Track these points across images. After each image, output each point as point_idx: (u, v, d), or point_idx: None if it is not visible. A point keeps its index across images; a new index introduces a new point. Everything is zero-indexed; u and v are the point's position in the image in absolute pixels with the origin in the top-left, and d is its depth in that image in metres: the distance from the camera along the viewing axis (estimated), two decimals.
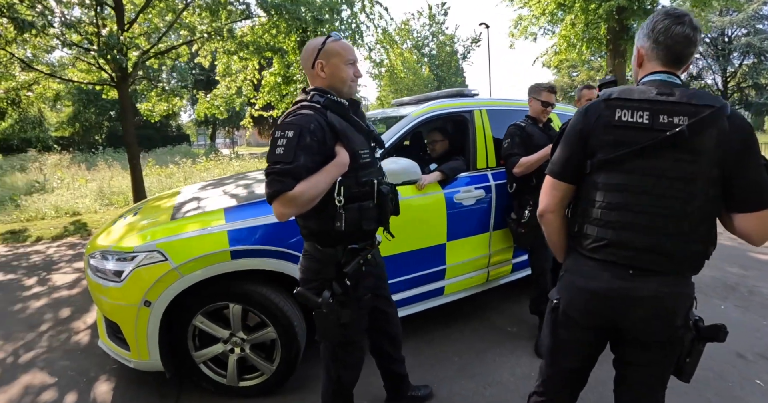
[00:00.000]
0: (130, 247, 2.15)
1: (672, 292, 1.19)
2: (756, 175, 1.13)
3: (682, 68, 1.26)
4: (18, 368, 2.73)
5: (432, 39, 27.07)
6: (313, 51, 1.54)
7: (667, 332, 1.22)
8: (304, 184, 1.34)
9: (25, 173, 13.75)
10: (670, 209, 1.16)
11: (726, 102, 1.15)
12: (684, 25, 1.20)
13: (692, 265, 1.20)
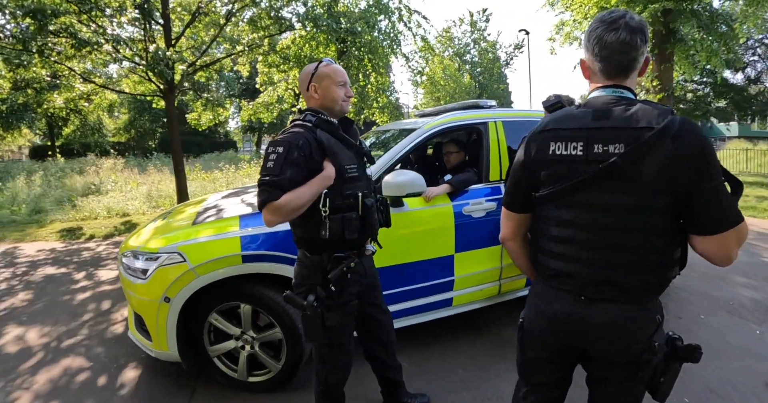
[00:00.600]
0: (155, 248, 2.40)
1: (628, 317, 1.15)
2: (711, 197, 1.04)
3: (630, 77, 1.18)
4: (60, 352, 3.07)
5: (473, 46, 26.99)
6: (307, 75, 1.72)
7: (627, 354, 1.18)
8: (289, 195, 1.50)
9: (83, 176, 14.95)
10: (614, 242, 1.12)
11: (673, 117, 1.05)
12: (618, 30, 1.10)
13: (647, 293, 1.16)
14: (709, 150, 1.04)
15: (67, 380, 2.69)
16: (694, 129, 1.04)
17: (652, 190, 1.06)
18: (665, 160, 1.03)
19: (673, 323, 3.22)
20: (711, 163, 1.04)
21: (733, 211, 1.07)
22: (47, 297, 4.33)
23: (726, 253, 1.10)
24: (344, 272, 1.66)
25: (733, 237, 1.08)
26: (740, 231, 1.08)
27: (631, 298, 1.15)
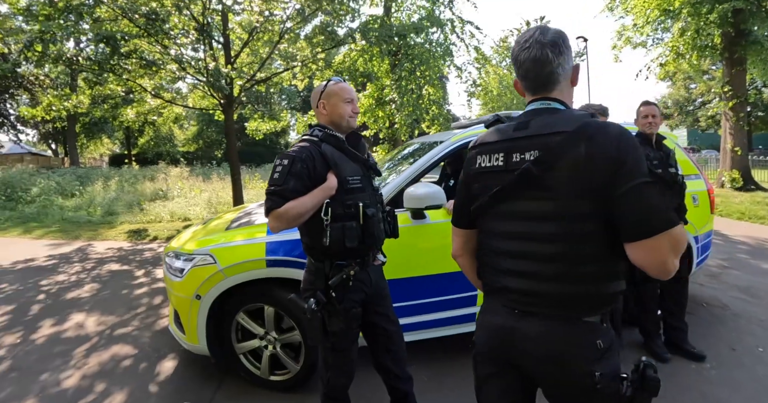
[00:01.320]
0: (191, 250, 2.68)
1: (559, 335, 1.10)
2: (634, 200, 0.99)
3: (555, 89, 1.18)
4: (112, 339, 3.47)
5: None
6: (317, 93, 1.89)
7: (567, 378, 1.11)
8: (291, 203, 1.67)
9: (152, 182, 16.34)
10: (539, 252, 1.10)
11: (587, 121, 1.05)
12: (529, 48, 1.14)
13: (581, 308, 1.10)
14: (628, 150, 1.01)
15: (113, 364, 3.04)
16: (609, 130, 1.03)
17: (568, 195, 1.04)
18: (578, 163, 1.02)
19: (725, 355, 3.00)
20: (629, 163, 1.00)
21: (660, 214, 0.99)
22: (109, 290, 4.84)
23: (658, 262, 1.00)
24: (344, 279, 1.79)
25: (664, 244, 0.98)
26: (673, 237, 0.99)
27: (563, 313, 1.10)
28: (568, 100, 1.19)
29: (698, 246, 3.57)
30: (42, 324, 3.85)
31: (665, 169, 2.92)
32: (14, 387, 2.77)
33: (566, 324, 1.10)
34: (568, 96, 1.20)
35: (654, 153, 2.97)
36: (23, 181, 14.20)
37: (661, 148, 3.03)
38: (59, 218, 10.76)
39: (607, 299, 1.10)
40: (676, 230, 0.99)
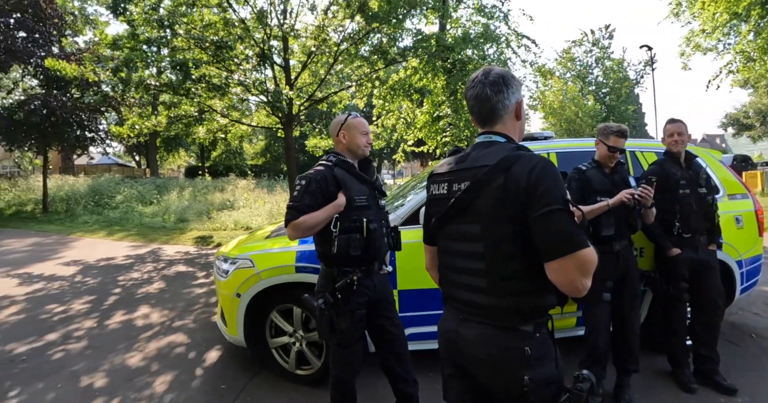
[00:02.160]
0: (235, 254, 3.13)
1: (492, 340, 1.24)
2: (544, 224, 1.11)
3: (498, 123, 1.33)
4: (170, 329, 4.02)
5: (597, 65, 25.29)
6: (338, 124, 2.24)
7: (500, 380, 1.25)
8: (305, 217, 2.02)
9: (222, 193, 17.75)
10: (471, 268, 1.27)
11: (508, 155, 1.19)
12: (474, 87, 1.31)
13: (511, 318, 1.22)
14: (539, 180, 1.13)
15: (168, 350, 3.55)
16: (525, 163, 1.17)
17: (492, 219, 1.20)
18: (498, 192, 1.17)
19: (764, 392, 2.82)
20: (539, 192, 1.12)
21: (567, 238, 1.10)
22: (174, 288, 5.51)
23: (567, 281, 1.12)
24: (348, 283, 2.10)
25: (570, 265, 1.10)
26: (579, 259, 1.09)
27: (496, 321, 1.24)
28: (512, 133, 1.35)
29: (742, 271, 3.38)
30: (115, 313, 4.53)
31: (693, 189, 2.87)
32: (88, 362, 3.35)
33: (499, 331, 1.23)
34: (512, 129, 1.35)
35: (681, 172, 2.90)
36: (110, 189, 16.06)
37: (691, 167, 2.94)
38: (138, 223, 12.10)
39: (537, 311, 1.23)
40: (582, 253, 1.10)
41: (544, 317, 1.26)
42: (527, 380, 1.19)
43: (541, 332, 1.25)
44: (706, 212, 2.88)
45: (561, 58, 25.01)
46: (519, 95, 1.34)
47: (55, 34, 13.24)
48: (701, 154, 3.54)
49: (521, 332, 1.22)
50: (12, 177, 18.54)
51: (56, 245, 9.29)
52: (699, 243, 2.89)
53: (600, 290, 2.67)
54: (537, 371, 1.21)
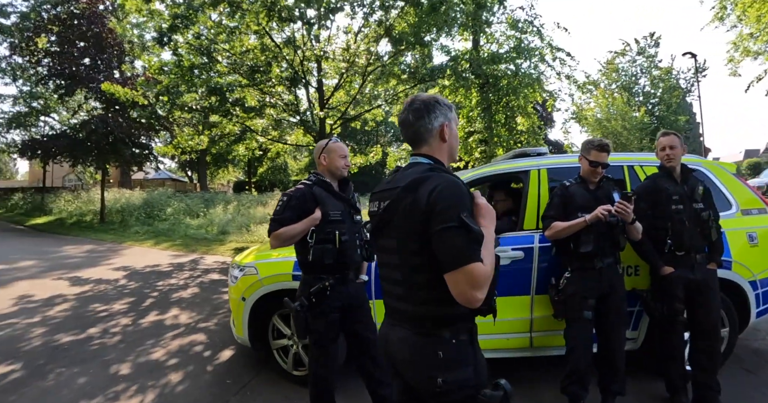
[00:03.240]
0: (243, 262, 3.55)
1: (411, 343, 1.37)
2: (440, 239, 1.24)
3: (424, 146, 1.46)
4: (193, 330, 4.51)
5: (643, 75, 24.26)
6: (320, 148, 2.60)
7: (418, 381, 1.38)
8: (285, 228, 2.38)
9: (263, 207, 18.66)
10: (391, 277, 1.44)
11: (416, 177, 1.34)
12: (403, 112, 1.46)
13: (425, 324, 1.35)
14: (437, 201, 1.26)
15: (188, 348, 4.02)
16: (427, 185, 1.30)
17: (404, 235, 1.35)
18: (406, 211, 1.32)
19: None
20: (437, 211, 1.25)
21: (459, 252, 1.21)
22: (205, 294, 6.06)
23: (459, 292, 1.22)
24: (321, 288, 2.42)
25: (460, 278, 1.21)
26: (468, 273, 1.20)
27: (413, 327, 1.38)
28: (438, 154, 1.46)
29: (758, 293, 3.16)
30: (149, 313, 5.09)
31: (687, 204, 2.77)
32: (118, 353, 3.87)
33: (416, 335, 1.37)
34: (438, 150, 1.46)
35: (674, 188, 2.81)
36: (161, 202, 17.35)
37: (687, 181, 2.83)
38: (183, 234, 13.05)
39: (451, 318, 1.34)
40: (470, 267, 1.20)
41: (460, 324, 1.36)
42: (440, 382, 1.30)
43: (458, 339, 1.35)
44: (702, 229, 2.77)
45: (605, 69, 24.32)
46: (444, 119, 1.45)
47: (115, 61, 14.86)
48: (710, 166, 3.44)
49: (437, 337, 1.34)
50: (75, 190, 20.51)
51: (108, 252, 10.28)
52: (695, 262, 2.78)
53: (581, 307, 2.69)
54: (450, 374, 1.31)
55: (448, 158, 1.49)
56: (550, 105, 11.72)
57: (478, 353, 1.42)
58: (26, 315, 5.06)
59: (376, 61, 8.64)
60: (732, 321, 3.13)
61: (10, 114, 18.53)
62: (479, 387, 1.33)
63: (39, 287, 6.42)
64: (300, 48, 8.26)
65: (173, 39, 7.45)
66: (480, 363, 1.40)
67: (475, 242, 1.24)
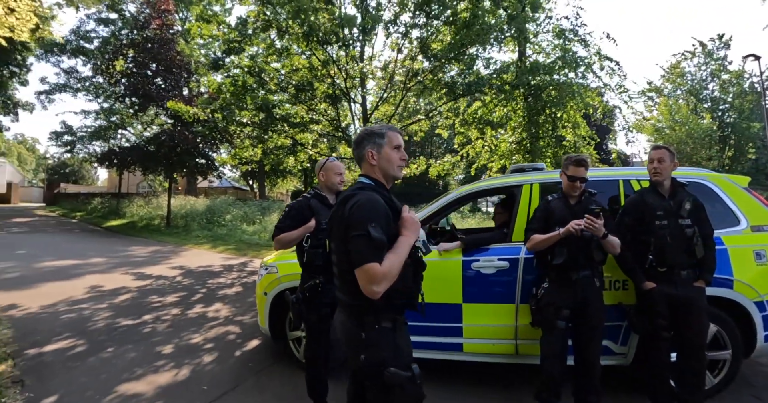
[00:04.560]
0: (268, 262, 4.12)
1: (346, 326, 1.78)
2: (351, 244, 1.65)
3: (363, 168, 1.90)
4: (230, 322, 5.17)
5: (712, 79, 22.56)
6: (320, 165, 3.08)
7: (351, 358, 1.77)
8: (284, 234, 2.89)
9: None
10: (335, 273, 1.86)
11: (346, 194, 1.78)
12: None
13: (354, 310, 1.76)
14: (353, 213, 1.68)
15: (223, 336, 4.66)
16: (350, 200, 1.74)
17: (337, 240, 1.78)
18: (337, 219, 1.76)
19: None
20: (350, 222, 1.67)
21: (361, 256, 1.61)
22: (246, 293, 6.76)
23: (362, 286, 1.61)
24: (313, 285, 2.85)
25: (361, 274, 1.61)
26: (366, 271, 1.59)
27: (348, 313, 1.80)
28: (372, 173, 1.88)
29: (765, 315, 3.05)
30: (195, 306, 5.85)
31: (673, 220, 2.80)
32: (164, 336, 4.58)
33: (349, 319, 1.79)
34: (371, 171, 1.88)
35: (660, 202, 2.85)
36: (222, 209, 18.77)
37: (675, 196, 2.86)
38: (238, 239, 14.14)
39: (374, 308, 1.71)
40: (366, 266, 1.59)
41: (384, 314, 1.74)
42: (362, 358, 1.70)
43: (380, 325, 1.73)
44: (686, 246, 2.78)
45: (669, 74, 23.06)
46: (372, 147, 1.85)
47: (183, 81, 16.59)
48: (717, 180, 3.39)
49: (362, 322, 1.74)
50: (146, 196, 22.70)
51: (169, 253, 11.47)
52: (679, 278, 2.81)
53: (555, 317, 2.80)
54: (371, 354, 1.69)
55: (383, 176, 1.88)
56: (601, 114, 11.48)
57: (400, 340, 1.77)
58: (95, 302, 6.00)
59: (414, 78, 9.11)
60: (735, 343, 3.07)
61: (92, 128, 21.08)
62: (396, 367, 1.66)
63: (107, 280, 7.47)
64: (343, 67, 8.92)
65: (227, 62, 8.42)
66: (400, 348, 1.75)
67: (375, 247, 1.60)
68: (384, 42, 9.94)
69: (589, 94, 10.36)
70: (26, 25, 5.10)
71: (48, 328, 4.82)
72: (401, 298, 1.73)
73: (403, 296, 1.74)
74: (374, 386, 1.71)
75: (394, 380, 1.64)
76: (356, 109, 10.30)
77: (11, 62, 19.46)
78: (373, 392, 1.74)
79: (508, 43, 10.74)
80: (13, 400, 3.15)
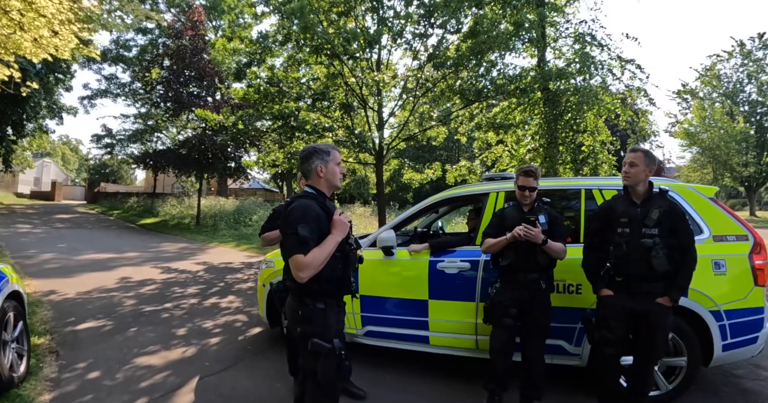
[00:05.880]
0: (269, 257, 4.70)
1: (291, 304, 2.26)
2: (284, 240, 2.15)
3: (310, 180, 2.28)
4: (239, 311, 5.81)
5: (749, 82, 21.76)
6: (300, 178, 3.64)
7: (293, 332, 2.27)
8: (267, 234, 3.49)
9: None
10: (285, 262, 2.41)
11: (291, 199, 2.24)
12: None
13: (295, 292, 2.22)
14: (287, 216, 2.14)
15: (231, 323, 5.29)
16: (290, 204, 2.21)
17: (283, 236, 2.21)
18: (281, 221, 2.24)
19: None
20: (288, 222, 2.10)
21: (290, 249, 2.07)
22: None
23: (293, 272, 2.06)
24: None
25: (291, 264, 2.06)
26: (293, 261, 2.04)
27: (292, 295, 2.27)
28: (317, 185, 2.29)
29: (723, 324, 3.09)
30: (212, 297, 6.54)
31: (636, 229, 2.69)
32: (180, 321, 5.26)
33: (292, 300, 2.27)
34: (317, 183, 2.29)
35: (626, 209, 2.77)
36: (250, 210, 19.71)
37: (647, 204, 2.73)
38: None
39: (310, 291, 2.14)
40: (294, 257, 2.03)
41: (318, 297, 2.16)
42: (299, 331, 2.16)
43: (314, 305, 2.16)
44: (644, 257, 2.65)
45: (704, 76, 22.47)
46: (320, 162, 2.26)
47: (213, 88, 17.69)
48: (681, 190, 3.42)
49: (300, 301, 2.19)
50: (179, 196, 24.06)
51: (197, 250, 12.35)
52: (637, 290, 2.71)
53: (502, 315, 3.04)
54: (305, 327, 2.15)
55: (327, 187, 2.32)
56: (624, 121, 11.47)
57: (330, 319, 2.19)
58: (124, 291, 6.80)
59: (423, 86, 9.58)
60: (691, 350, 3.13)
61: (130, 131, 22.59)
62: (324, 339, 2.07)
63: (137, 272, 8.32)
64: (359, 76, 9.47)
65: (249, 72, 9.15)
66: (329, 326, 2.16)
67: (301, 242, 2.04)
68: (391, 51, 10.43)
69: (609, 100, 10.45)
70: (68, 45, 5.91)
71: (82, 311, 5.60)
72: (331, 284, 2.19)
73: (332, 283, 2.19)
74: (306, 354, 2.13)
75: (316, 349, 2.06)
76: (373, 116, 10.86)
77: (57, 70, 21.09)
78: (305, 359, 2.19)
79: (528, 49, 10.94)
80: (48, 365, 3.84)
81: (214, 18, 24.78)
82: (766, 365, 3.93)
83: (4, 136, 23.04)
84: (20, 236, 13.63)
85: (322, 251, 2.11)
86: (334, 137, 9.68)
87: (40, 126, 26.76)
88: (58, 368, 3.81)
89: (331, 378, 2.14)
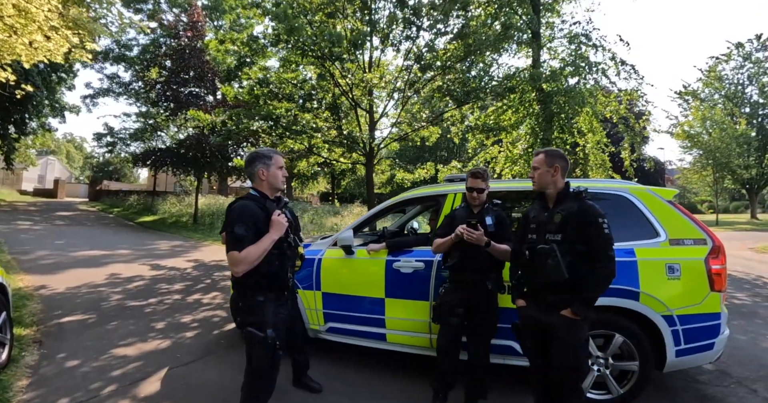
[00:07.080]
0: None
1: (234, 296, 2.64)
2: (225, 239, 2.44)
3: (254, 182, 2.57)
4: (219, 307, 6.05)
5: (750, 83, 21.73)
6: None
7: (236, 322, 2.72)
8: None
9: (335, 217, 20.57)
10: None
11: (235, 200, 2.48)
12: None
13: (237, 286, 2.53)
14: (230, 214, 2.40)
15: (209, 318, 5.54)
16: (233, 205, 2.46)
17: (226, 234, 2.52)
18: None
19: None
20: (228, 221, 2.40)
21: (228, 245, 2.33)
22: None
23: (230, 267, 2.40)
24: None
25: (228, 259, 2.36)
26: (229, 257, 2.33)
27: (234, 288, 2.62)
28: (260, 187, 2.58)
29: (676, 329, 3.07)
30: (195, 293, 6.80)
31: (541, 235, 2.57)
32: (161, 316, 5.51)
33: (235, 292, 2.60)
34: (260, 185, 2.58)
35: (536, 214, 2.68)
36: None
37: (556, 208, 2.57)
38: None
39: (249, 284, 2.45)
40: (230, 254, 2.33)
41: (256, 290, 2.45)
42: (239, 320, 2.51)
43: (254, 298, 2.44)
44: (541, 265, 2.48)
45: (706, 78, 22.53)
46: (261, 166, 2.54)
47: (210, 89, 18.06)
48: (638, 193, 3.41)
49: (241, 294, 2.50)
50: (178, 195, 24.42)
51: (190, 247, 12.64)
52: (543, 301, 2.58)
53: (449, 314, 3.09)
54: (244, 317, 2.48)
55: (269, 189, 2.60)
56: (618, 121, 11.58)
57: (268, 310, 2.43)
58: (112, 286, 7.08)
59: (411, 87, 9.83)
60: (643, 355, 3.11)
61: (131, 130, 23.01)
62: (259, 327, 2.35)
63: (128, 269, 8.61)
64: (348, 77, 9.74)
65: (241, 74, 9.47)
66: (265, 317, 2.39)
67: (236, 240, 2.30)
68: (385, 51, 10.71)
69: (602, 101, 10.61)
70: (60, 49, 6.21)
71: (69, 304, 5.87)
72: (268, 279, 2.43)
73: (269, 278, 2.43)
74: (245, 341, 2.42)
75: (249, 337, 2.35)
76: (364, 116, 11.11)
77: (59, 69, 21.52)
78: (245, 346, 2.51)
79: (522, 49, 11.13)
80: (30, 354, 4.11)
81: (216, 18, 25.17)
82: (733, 372, 3.93)
83: (6, 134, 23.54)
84: (20, 232, 13.99)
85: (258, 248, 2.34)
86: (324, 138, 9.95)
87: (43, 124, 27.30)
88: (39, 356, 4.07)
89: (265, 365, 2.40)
